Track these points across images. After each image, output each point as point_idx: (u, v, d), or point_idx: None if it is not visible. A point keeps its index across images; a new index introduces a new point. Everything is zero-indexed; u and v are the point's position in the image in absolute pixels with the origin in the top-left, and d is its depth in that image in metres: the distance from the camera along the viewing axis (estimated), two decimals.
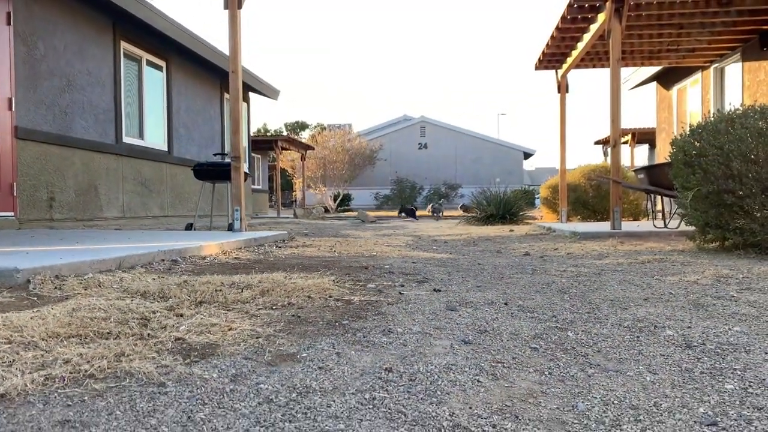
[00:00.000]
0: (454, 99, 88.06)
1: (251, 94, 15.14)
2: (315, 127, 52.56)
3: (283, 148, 24.21)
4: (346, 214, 24.21)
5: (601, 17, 8.13)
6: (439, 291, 3.32)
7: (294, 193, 40.33)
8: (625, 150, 32.68)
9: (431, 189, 35.85)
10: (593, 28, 8.74)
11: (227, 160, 8.46)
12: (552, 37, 9.66)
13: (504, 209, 13.37)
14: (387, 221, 17.45)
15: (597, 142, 25.40)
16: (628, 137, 21.85)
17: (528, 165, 42.95)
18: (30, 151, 7.43)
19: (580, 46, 9.58)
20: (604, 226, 8.62)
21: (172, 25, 10.03)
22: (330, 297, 2.98)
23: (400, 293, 3.21)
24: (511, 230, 10.32)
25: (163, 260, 4.11)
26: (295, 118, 63.05)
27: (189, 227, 7.89)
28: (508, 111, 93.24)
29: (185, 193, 11.72)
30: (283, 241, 6.87)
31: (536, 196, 26.49)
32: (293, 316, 2.53)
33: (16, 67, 7.19)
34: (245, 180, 7.11)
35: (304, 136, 47.05)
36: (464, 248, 6.85)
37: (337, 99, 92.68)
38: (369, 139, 37.17)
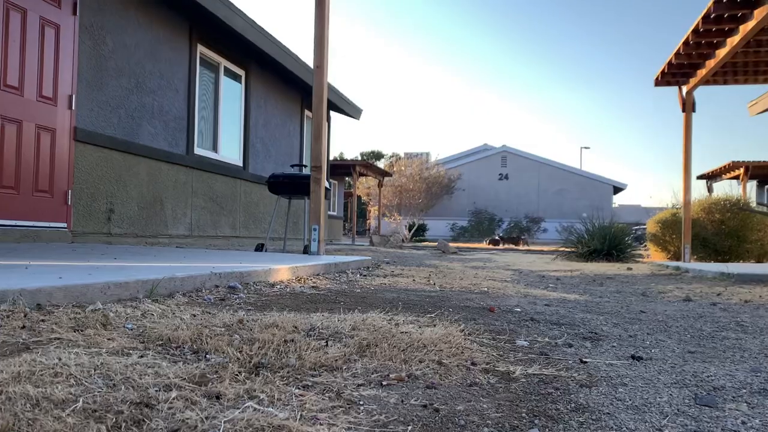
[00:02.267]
0: (534, 130, 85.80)
1: (332, 113, 14.30)
2: (391, 156, 51.95)
3: (360, 174, 23.37)
4: (424, 243, 23.00)
5: (761, 13, 6.67)
6: (641, 359, 2.03)
7: (368, 221, 39.52)
8: (727, 185, 30.04)
9: (511, 221, 34.15)
10: (742, 29, 7.27)
11: (306, 172, 7.44)
12: (685, 43, 8.22)
13: (610, 244, 11.79)
14: (469, 253, 16.08)
15: (701, 177, 23.19)
16: (740, 171, 19.67)
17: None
18: (90, 156, 6.64)
19: (720, 53, 8.09)
20: (762, 268, 7.02)
21: (252, 27, 9.24)
22: (473, 365, 1.75)
23: (582, 361, 1.95)
24: (629, 268, 8.80)
25: (217, 286, 3.01)
26: (370, 148, 62.78)
27: (259, 248, 6.87)
28: (592, 145, 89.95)
29: (259, 212, 10.84)
30: (368, 268, 5.71)
31: (632, 233, 24.38)
32: (425, 407, 1.33)
33: (80, 62, 6.46)
34: (326, 196, 6.06)
35: (380, 165, 46.44)
36: (590, 287, 5.50)
37: (413, 128, 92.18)
38: (447, 168, 36.00)
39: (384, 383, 1.49)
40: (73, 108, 6.35)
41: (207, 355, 1.61)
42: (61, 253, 4.11)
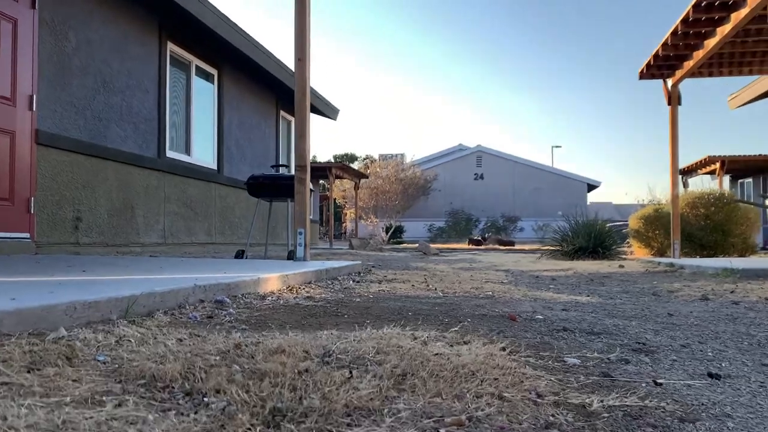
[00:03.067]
0: (507, 128, 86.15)
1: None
2: (365, 158, 51.67)
3: (336, 176, 22.96)
4: (403, 246, 22.68)
5: (754, 0, 6.47)
6: (719, 377, 1.72)
7: (344, 224, 39.11)
8: (701, 180, 30.29)
9: (488, 221, 34.02)
10: (734, 17, 7.08)
11: (285, 172, 7.04)
12: (673, 33, 8.02)
13: (595, 242, 11.59)
14: (451, 253, 15.76)
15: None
16: (716, 165, 19.74)
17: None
18: (53, 160, 6.16)
19: (709, 44, 7.91)
20: (763, 263, 6.83)
21: (224, 22, 8.80)
22: (539, 396, 1.41)
23: (657, 383, 1.62)
24: (621, 266, 8.57)
25: (202, 301, 2.62)
26: (343, 150, 62.35)
27: (240, 255, 6.46)
28: (562, 142, 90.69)
29: (235, 217, 10.39)
30: (359, 273, 5.35)
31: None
32: None
33: (41, 59, 5.98)
34: (310, 197, 5.68)
35: (354, 167, 45.99)
36: (593, 288, 5.22)
37: (386, 129, 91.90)
38: (423, 169, 35.76)
39: (441, 431, 1.13)
40: (34, 109, 5.87)
41: (205, 398, 1.24)
42: (20, 268, 3.67)
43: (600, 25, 75.96)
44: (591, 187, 37.85)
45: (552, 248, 12.61)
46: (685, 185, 22.84)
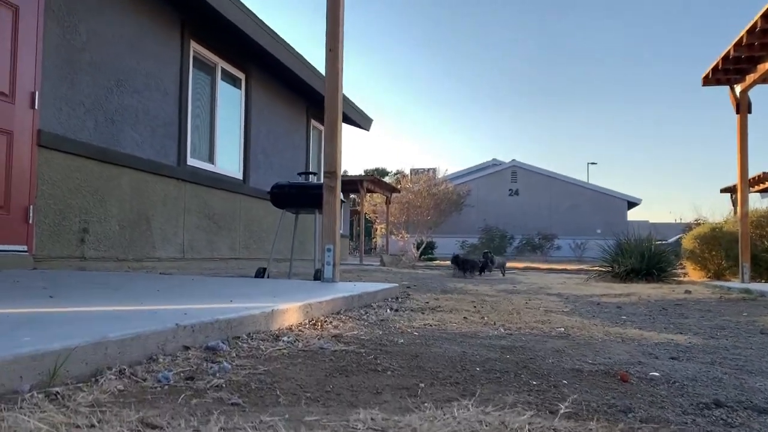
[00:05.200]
0: (542, 145, 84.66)
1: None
2: (396, 173, 50.97)
3: (368, 190, 22.25)
4: (436, 263, 21.84)
5: None
6: None
7: (374, 240, 38.38)
8: (753, 199, 28.78)
9: (523, 238, 32.92)
10: None
11: (313, 181, 6.31)
12: (749, 31, 7.13)
13: (649, 263, 10.60)
14: (486, 274, 14.88)
15: (724, 190, 22.01)
16: None
17: None
18: (58, 165, 5.54)
19: None
20: None
21: (251, 18, 8.16)
22: None
23: None
24: (687, 291, 7.63)
25: (187, 348, 1.86)
26: (374, 165, 61.77)
27: (260, 273, 5.74)
28: (599, 159, 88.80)
29: (262, 231, 9.71)
30: (397, 299, 4.56)
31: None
32: None
33: (46, 52, 5.38)
34: (340, 209, 4.95)
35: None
36: (676, 320, 4.36)
37: (418, 144, 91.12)
38: (456, 183, 34.87)
39: None
40: (37, 107, 5.26)
41: None
42: None
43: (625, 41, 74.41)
44: (631, 204, 36.48)
45: (601, 269, 11.66)
46: (735, 204, 21.55)
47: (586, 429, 1.31)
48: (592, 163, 54.48)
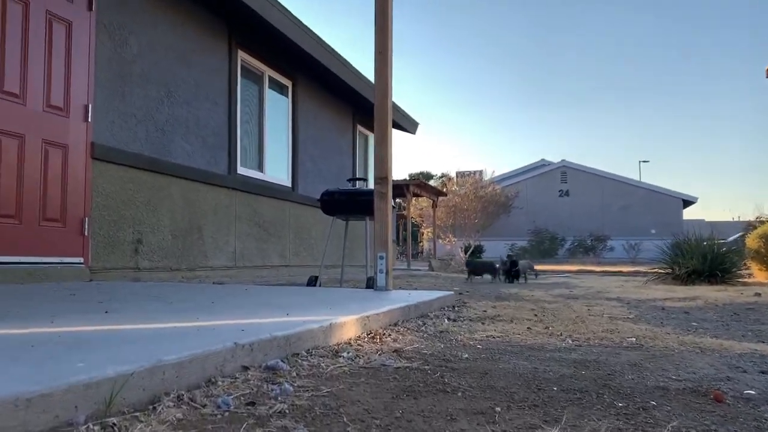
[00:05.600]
0: (592, 144, 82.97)
1: None
2: (441, 176, 50.65)
3: (414, 194, 22.10)
4: None
5: None
6: None
7: (420, 244, 38.19)
8: None
9: (574, 240, 32.19)
10: None
11: (363, 187, 6.21)
12: None
13: (712, 264, 10.14)
14: (540, 276, 14.54)
15: None
16: None
17: None
18: (111, 176, 5.60)
19: None
20: None
21: (297, 26, 8.15)
22: None
23: None
24: (757, 294, 7.22)
25: (246, 368, 1.77)
26: (418, 169, 61.52)
27: (312, 282, 5.68)
28: (652, 157, 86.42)
29: (311, 238, 9.69)
30: (453, 308, 4.41)
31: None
32: None
33: (98, 66, 5.45)
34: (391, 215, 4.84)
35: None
36: (757, 328, 4.07)
37: (463, 147, 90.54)
38: (503, 185, 34.38)
39: None
40: (90, 120, 5.33)
41: None
42: (29, 303, 2.97)
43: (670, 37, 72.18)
44: (686, 203, 35.29)
45: (660, 271, 11.22)
46: None
47: None
48: (645, 161, 53.11)
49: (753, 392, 1.94)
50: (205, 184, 7.02)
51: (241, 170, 7.84)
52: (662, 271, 11.14)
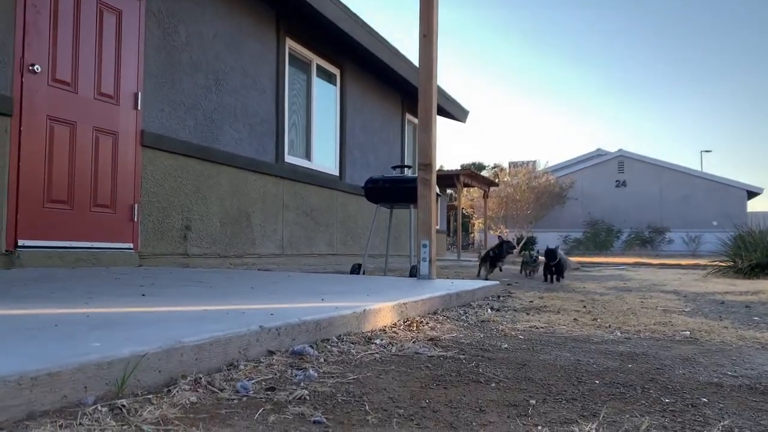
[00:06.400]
0: (649, 134, 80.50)
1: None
2: (493, 167, 50.03)
3: (465, 185, 21.83)
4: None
5: None
6: None
7: (471, 235, 37.84)
8: None
9: (632, 232, 31.26)
10: None
11: (408, 174, 6.12)
12: None
13: None
14: (594, 268, 14.15)
15: None
16: None
17: None
18: (160, 164, 5.68)
19: None
20: None
21: (346, 14, 8.09)
22: None
23: None
24: None
25: (271, 353, 1.73)
26: (470, 160, 60.85)
27: (356, 270, 5.64)
28: (714, 147, 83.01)
29: (358, 227, 9.67)
30: (498, 297, 4.29)
31: None
32: None
33: (147, 54, 5.52)
34: (436, 203, 4.74)
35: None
36: None
37: (516, 137, 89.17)
38: (557, 176, 33.62)
39: None
40: (140, 108, 5.41)
41: None
42: (73, 285, 3.01)
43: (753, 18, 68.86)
44: (751, 194, 33.75)
45: (721, 264, 10.74)
46: None
47: None
48: (707, 151, 51.03)
49: None
50: (253, 172, 7.06)
51: (288, 158, 7.86)
52: (723, 264, 10.66)
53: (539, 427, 1.25)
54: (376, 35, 9.06)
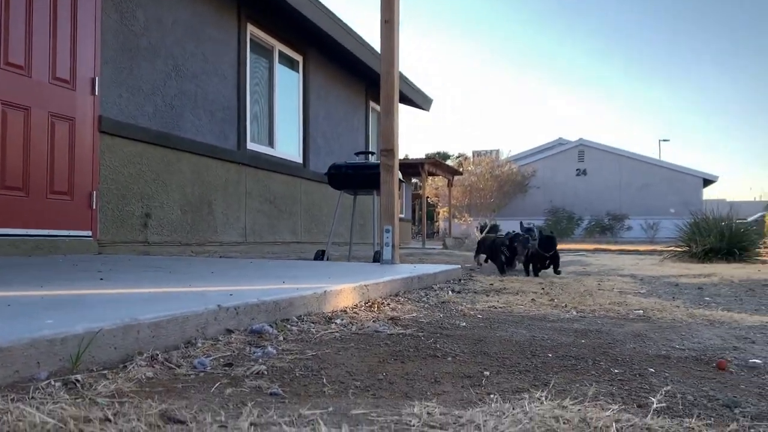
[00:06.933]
0: (609, 124, 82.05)
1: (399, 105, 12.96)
2: (458, 156, 50.34)
3: (429, 173, 21.94)
4: None
5: None
6: None
7: (436, 224, 38.10)
8: None
9: (592, 220, 31.88)
10: None
11: (373, 161, 6.14)
12: None
13: (730, 242, 9.96)
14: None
15: None
16: None
17: None
18: (119, 151, 5.58)
19: None
20: None
21: (309, 0, 8.04)
22: None
23: None
24: None
25: (230, 331, 1.73)
26: (435, 149, 61.12)
27: (319, 256, 5.65)
28: (672, 136, 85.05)
29: (322, 215, 9.65)
30: (459, 281, 4.36)
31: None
32: None
33: (105, 39, 5.40)
34: (399, 189, 4.77)
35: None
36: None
37: (479, 127, 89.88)
38: (519, 165, 34.06)
39: None
40: (97, 93, 5.30)
41: None
42: (35, 272, 2.96)
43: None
44: (707, 182, 34.72)
45: (677, 249, 11.05)
46: None
47: (688, 428, 1.09)
48: (665, 140, 52.15)
49: (759, 361, 1.87)
50: (215, 159, 6.99)
51: (251, 145, 7.80)
52: (679, 249, 10.97)
53: (491, 396, 1.29)
54: (340, 22, 9.02)
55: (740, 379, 1.64)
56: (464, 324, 2.39)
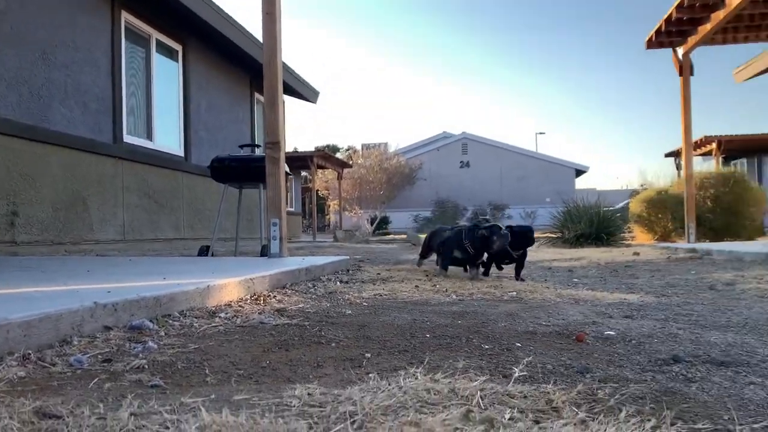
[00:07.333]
0: (490, 117, 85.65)
1: (285, 97, 12.84)
2: (347, 149, 50.60)
3: (319, 166, 21.93)
4: (390, 237, 21.79)
5: None
6: None
7: (327, 217, 38.17)
8: (696, 162, 29.61)
9: (475, 210, 33.18)
10: None
11: (259, 153, 6.07)
12: None
13: (598, 228, 10.77)
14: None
15: (669, 154, 22.60)
16: (713, 146, 19.04)
17: None
18: None
19: (732, 2, 7.06)
20: None
21: None
22: None
23: None
24: (636, 253, 7.74)
25: (109, 328, 1.69)
26: (325, 142, 61.02)
27: (204, 252, 5.53)
28: (546, 129, 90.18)
29: (207, 210, 9.40)
30: (348, 271, 4.43)
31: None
32: None
33: None
34: (286, 181, 4.76)
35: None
36: (631, 282, 4.39)
37: (368, 120, 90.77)
38: (408, 157, 34.81)
39: None
40: None
41: None
42: None
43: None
44: (579, 173, 37.16)
45: (551, 236, 11.80)
46: (679, 168, 22.15)
47: (543, 392, 1.21)
48: (541, 133, 55.23)
49: (612, 333, 2.08)
50: (90, 153, 6.62)
51: (127, 138, 7.45)
52: (553, 235, 11.73)
53: (370, 375, 1.36)
54: (221, 11, 8.80)
55: (595, 348, 1.82)
56: (350, 312, 2.46)
